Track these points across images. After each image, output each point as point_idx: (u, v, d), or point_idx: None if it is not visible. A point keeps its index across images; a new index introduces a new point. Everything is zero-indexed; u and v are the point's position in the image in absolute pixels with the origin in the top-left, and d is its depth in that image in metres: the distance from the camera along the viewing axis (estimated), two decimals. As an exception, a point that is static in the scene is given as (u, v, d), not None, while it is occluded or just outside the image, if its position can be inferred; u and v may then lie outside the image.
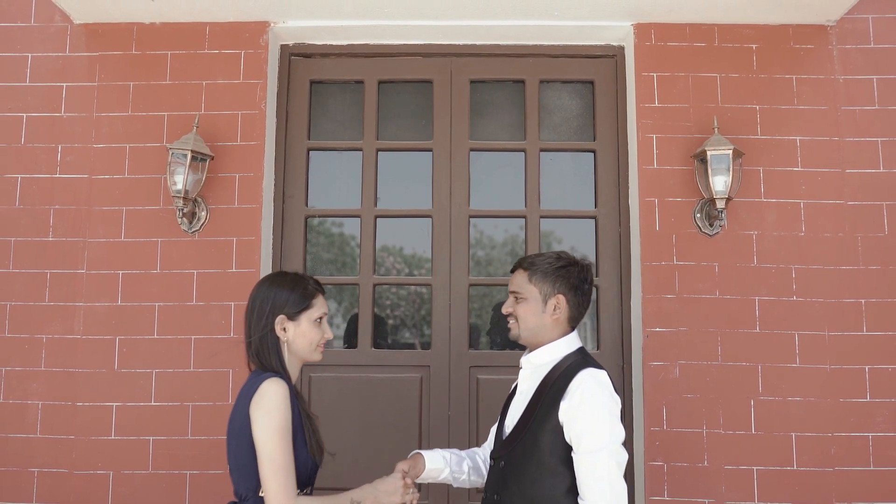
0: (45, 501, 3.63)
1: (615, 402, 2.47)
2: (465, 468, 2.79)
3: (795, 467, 3.62)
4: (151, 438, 3.67)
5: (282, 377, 2.32)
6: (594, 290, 3.90)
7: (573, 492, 2.42)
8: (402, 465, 2.60)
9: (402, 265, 4.27)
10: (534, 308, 2.60)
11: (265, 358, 2.38)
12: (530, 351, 2.65)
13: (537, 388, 2.55)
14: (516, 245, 4.10)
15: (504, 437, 2.62)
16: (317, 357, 2.48)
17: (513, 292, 2.66)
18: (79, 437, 3.66)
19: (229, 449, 2.34)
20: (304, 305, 2.43)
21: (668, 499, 3.60)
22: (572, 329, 2.64)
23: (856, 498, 3.58)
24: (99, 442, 3.66)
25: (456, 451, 2.82)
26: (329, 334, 2.50)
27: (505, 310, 2.66)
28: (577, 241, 4.09)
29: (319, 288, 2.50)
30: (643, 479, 3.66)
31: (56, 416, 3.69)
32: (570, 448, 2.44)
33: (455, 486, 2.79)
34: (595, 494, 2.36)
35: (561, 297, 2.60)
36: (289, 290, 2.43)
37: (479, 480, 2.82)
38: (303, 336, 2.43)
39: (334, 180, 4.16)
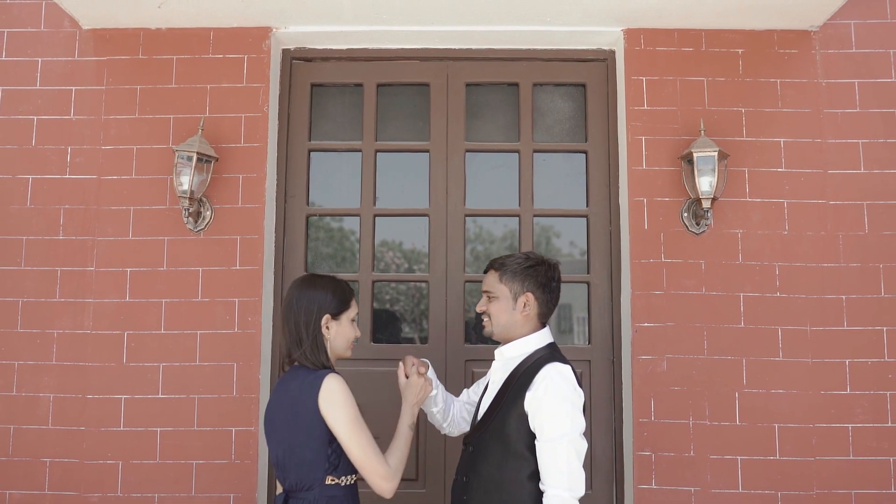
0: (57, 490, 3.74)
1: (578, 395, 2.60)
2: (450, 403, 3.01)
3: (778, 457, 3.74)
4: (159, 430, 3.78)
5: (333, 371, 2.52)
6: (586, 286, 4.07)
7: (536, 476, 2.57)
8: (410, 359, 2.86)
9: (401, 260, 4.37)
10: (505, 306, 2.74)
11: (315, 355, 2.55)
12: (503, 344, 2.79)
13: (506, 379, 2.71)
14: (515, 240, 4.21)
15: (475, 422, 2.78)
16: (348, 354, 2.68)
17: (485, 291, 2.81)
18: (89, 429, 3.78)
19: (283, 445, 2.50)
20: (346, 306, 2.63)
21: (656, 487, 3.72)
22: (543, 325, 2.77)
23: (836, 486, 3.70)
24: (108, 433, 3.77)
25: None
26: (359, 332, 2.70)
27: (479, 308, 2.82)
28: (575, 236, 4.22)
29: (352, 291, 2.69)
30: (632, 468, 3.77)
31: (67, 408, 3.80)
32: (534, 436, 2.58)
33: (437, 415, 2.98)
34: (554, 479, 2.50)
35: (530, 295, 2.74)
36: (332, 291, 2.62)
37: (452, 428, 3.02)
38: (342, 334, 2.63)
39: (335, 180, 4.26)
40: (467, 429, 2.98)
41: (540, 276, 2.78)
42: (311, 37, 4.11)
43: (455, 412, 3.02)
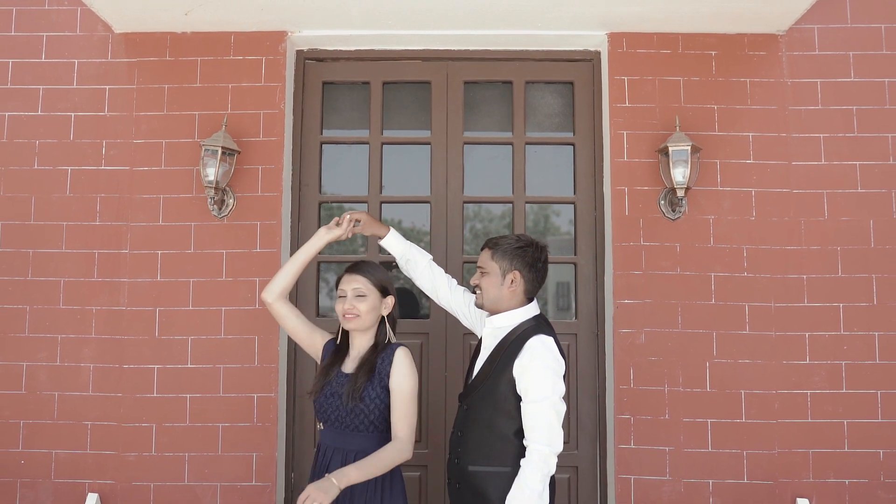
0: (98, 450, 4.10)
1: (559, 364, 2.88)
2: (422, 268, 3.33)
3: (744, 420, 4.07)
4: (188, 396, 4.13)
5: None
6: (573, 266, 4.44)
7: (521, 433, 2.87)
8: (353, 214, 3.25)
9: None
10: (494, 281, 3.02)
11: None
12: (492, 315, 3.07)
13: (496, 347, 2.99)
14: (511, 218, 4.52)
15: (469, 383, 3.08)
16: (346, 326, 3.04)
17: (479, 267, 3.09)
18: (126, 395, 4.13)
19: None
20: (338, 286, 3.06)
21: (634, 447, 4.08)
22: (530, 300, 3.04)
23: (795, 446, 4.05)
24: (143, 399, 4.13)
25: (430, 259, 3.36)
26: (339, 308, 3.03)
27: (472, 282, 3.09)
28: (573, 215, 4.53)
29: (350, 269, 3.06)
30: (613, 430, 4.13)
31: (106, 377, 4.15)
32: (520, 398, 2.88)
33: (409, 271, 3.34)
34: (537, 435, 2.81)
35: (517, 273, 3.00)
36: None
37: (422, 279, 3.34)
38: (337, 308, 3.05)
39: (344, 170, 4.58)
40: (447, 300, 3.35)
41: (528, 256, 3.03)
42: (323, 39, 4.42)
43: (443, 286, 3.34)
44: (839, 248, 4.18)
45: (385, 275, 3.08)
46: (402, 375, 2.92)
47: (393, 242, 3.34)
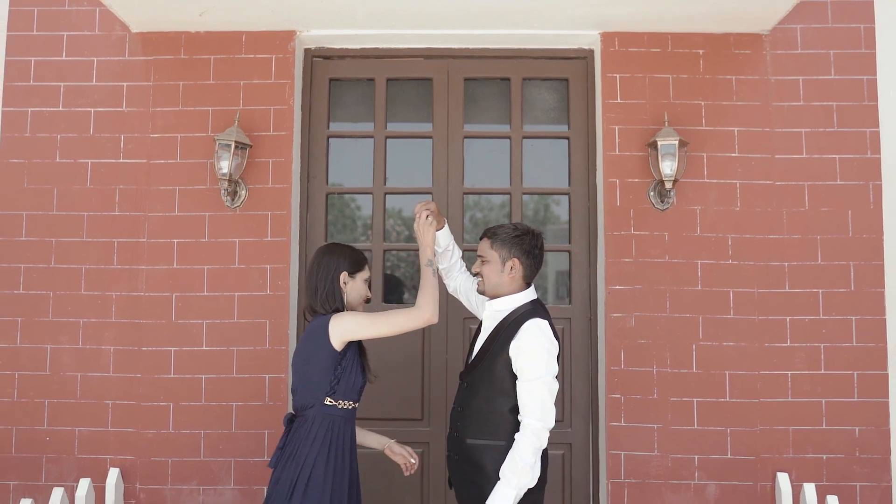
0: (118, 427, 4.32)
1: (553, 345, 3.06)
2: (457, 260, 3.57)
3: (728, 399, 4.29)
4: (203, 376, 4.35)
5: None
6: (567, 254, 4.66)
7: (516, 409, 3.05)
8: (418, 207, 3.38)
9: (401, 227, 4.93)
10: (494, 268, 3.19)
11: (328, 303, 3.13)
12: (492, 299, 3.25)
13: (495, 329, 3.17)
14: (509, 207, 4.74)
15: (469, 363, 3.26)
16: (361, 309, 3.25)
17: (479, 256, 3.25)
18: (144, 375, 4.35)
19: (299, 374, 3.12)
20: (360, 268, 3.22)
21: (625, 424, 4.30)
22: (528, 285, 3.22)
23: (776, 423, 4.27)
24: (161, 379, 4.35)
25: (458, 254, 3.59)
26: (370, 294, 3.27)
27: (473, 270, 3.27)
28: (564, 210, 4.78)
29: (366, 258, 3.28)
30: (605, 409, 4.35)
31: (125, 359, 4.36)
32: (515, 376, 3.05)
33: (443, 265, 3.54)
34: (530, 411, 2.98)
35: (516, 260, 3.17)
36: (349, 254, 3.22)
37: (452, 271, 3.56)
38: (356, 290, 3.23)
39: (350, 163, 4.79)
40: (454, 286, 3.57)
41: (525, 244, 3.19)
42: (330, 38, 4.62)
43: (455, 272, 3.57)
44: (819, 237, 4.38)
45: None
46: (345, 320, 3.11)
47: (444, 235, 3.50)
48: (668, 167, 4.22)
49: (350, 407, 3.16)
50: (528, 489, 3.02)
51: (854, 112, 4.45)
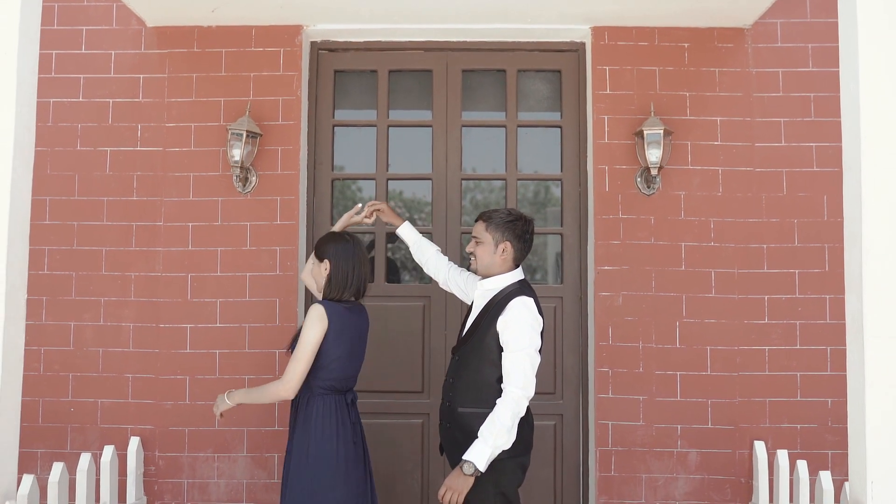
0: (138, 399, 4.59)
1: (537, 321, 3.29)
2: (431, 254, 3.83)
3: (709, 372, 4.54)
4: (217, 352, 4.60)
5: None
6: (559, 237, 4.93)
7: (502, 380, 3.28)
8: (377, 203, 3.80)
9: (402, 209, 5.17)
10: (487, 250, 3.41)
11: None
12: (483, 279, 3.49)
13: (485, 305, 3.41)
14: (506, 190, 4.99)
15: (461, 337, 3.51)
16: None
17: (474, 237, 3.47)
18: (162, 351, 4.60)
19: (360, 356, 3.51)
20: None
21: (612, 396, 4.56)
22: (516, 266, 3.45)
23: (754, 395, 4.52)
24: (178, 354, 4.60)
25: (437, 249, 3.86)
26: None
27: (468, 249, 3.50)
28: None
29: None
30: (594, 382, 4.61)
31: (144, 335, 4.61)
32: (502, 349, 3.28)
33: (419, 258, 3.86)
34: (513, 379, 3.20)
35: (508, 244, 3.39)
36: (333, 243, 3.51)
37: (429, 263, 3.83)
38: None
39: (354, 150, 5.02)
40: (447, 280, 3.82)
41: (517, 228, 3.40)
42: (335, 32, 4.83)
43: (438, 266, 3.83)
44: (796, 220, 4.62)
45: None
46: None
47: (407, 232, 3.85)
48: (653, 155, 4.45)
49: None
50: (516, 452, 3.27)
51: (830, 102, 4.65)
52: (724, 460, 4.54)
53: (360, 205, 3.85)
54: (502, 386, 3.26)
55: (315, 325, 3.30)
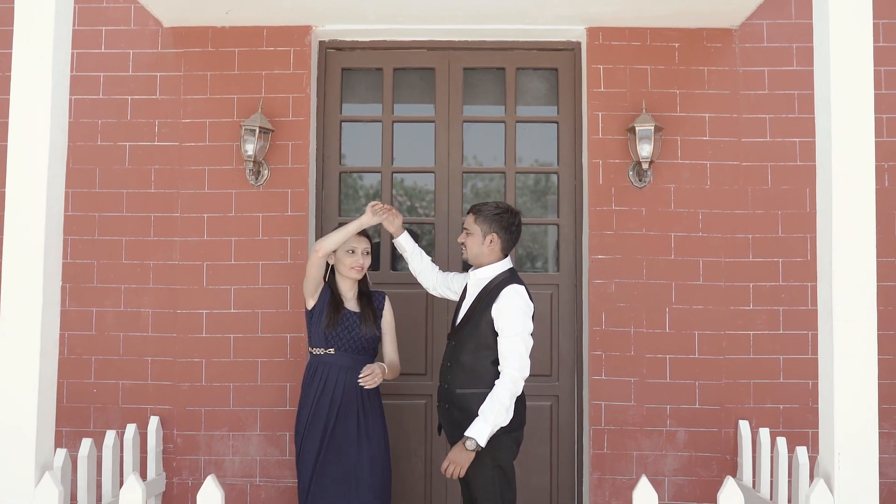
0: (157, 381, 4.81)
1: (528, 307, 3.54)
2: (426, 263, 4.04)
3: (697, 356, 4.75)
4: (232, 336, 4.81)
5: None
6: (556, 227, 5.16)
7: (497, 362, 3.54)
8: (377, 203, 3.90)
9: (403, 197, 5.38)
10: (476, 240, 3.66)
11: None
12: (475, 268, 3.74)
13: (479, 294, 3.65)
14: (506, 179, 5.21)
15: (456, 324, 3.75)
16: (355, 276, 3.92)
17: (465, 228, 3.73)
18: (179, 335, 4.82)
19: None
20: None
21: (605, 378, 4.78)
22: (505, 256, 3.69)
23: (739, 377, 4.74)
24: (194, 338, 4.81)
25: (430, 259, 4.09)
26: (351, 261, 3.90)
27: (459, 240, 3.76)
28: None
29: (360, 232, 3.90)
30: (588, 364, 4.83)
31: (162, 320, 4.83)
32: (497, 334, 3.53)
33: (412, 263, 4.07)
34: (509, 362, 3.45)
35: (495, 235, 3.64)
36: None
37: (424, 272, 4.05)
38: (340, 261, 3.87)
39: (361, 145, 5.23)
40: (436, 286, 4.06)
41: (504, 221, 3.65)
42: (342, 32, 5.03)
43: (431, 274, 4.05)
44: (780, 212, 4.83)
45: None
46: (391, 315, 4.06)
47: (406, 242, 4.06)
48: (645, 150, 4.67)
49: (322, 353, 3.90)
50: (511, 428, 3.53)
51: (813, 100, 4.83)
52: (710, 438, 4.77)
53: (375, 204, 3.97)
54: (499, 368, 3.50)
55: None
